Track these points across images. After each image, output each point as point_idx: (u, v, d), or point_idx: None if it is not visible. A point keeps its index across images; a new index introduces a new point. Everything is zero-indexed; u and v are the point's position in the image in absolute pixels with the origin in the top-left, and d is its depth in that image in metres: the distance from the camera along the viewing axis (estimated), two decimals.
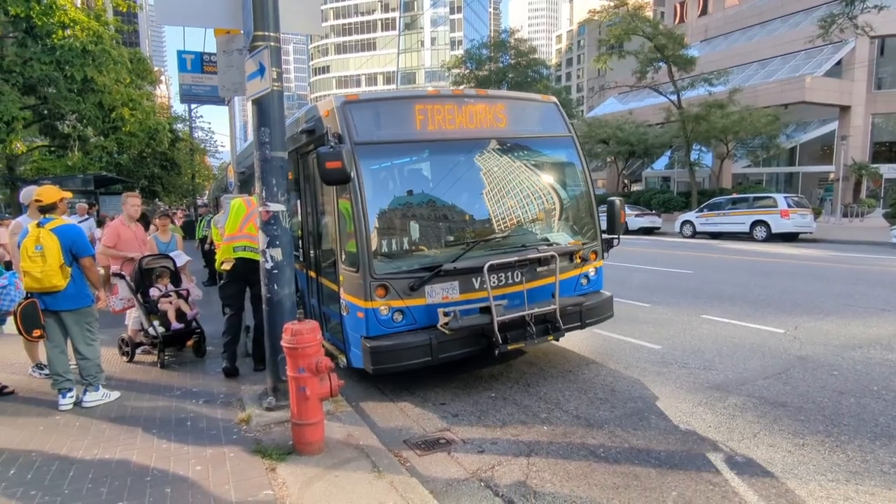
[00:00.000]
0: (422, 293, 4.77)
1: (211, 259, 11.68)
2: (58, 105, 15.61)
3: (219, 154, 47.28)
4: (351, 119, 4.80)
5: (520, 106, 5.90)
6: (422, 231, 5.17)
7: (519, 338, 4.88)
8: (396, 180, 5.36)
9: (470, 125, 5.27)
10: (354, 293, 4.76)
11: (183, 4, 4.42)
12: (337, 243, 5.05)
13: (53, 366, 4.82)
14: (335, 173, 4.21)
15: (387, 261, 4.84)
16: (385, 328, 4.73)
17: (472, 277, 4.92)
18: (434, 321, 4.78)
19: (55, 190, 4.89)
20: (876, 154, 33.65)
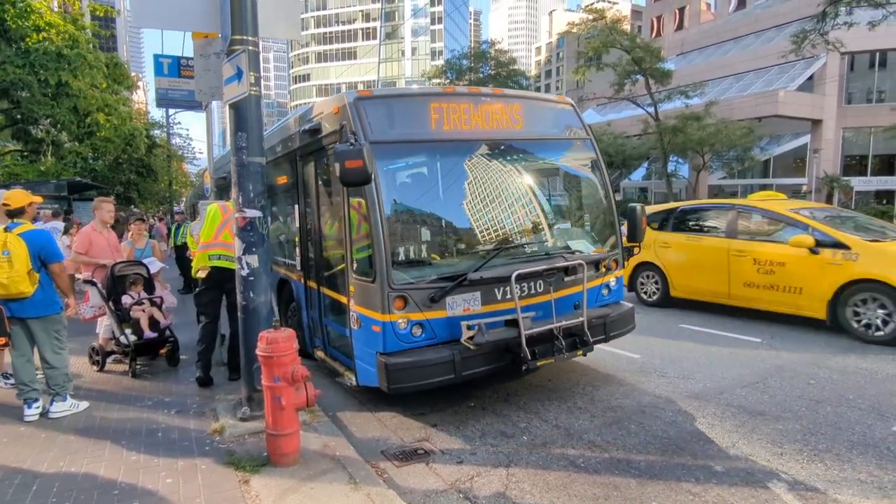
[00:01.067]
0: (442, 305, 4.43)
1: (186, 266, 11.49)
2: (31, 109, 15.28)
3: (196, 161, 46.68)
4: (365, 116, 4.45)
5: (537, 107, 5.61)
6: (440, 238, 4.88)
7: (547, 353, 4.51)
8: (412, 183, 5.05)
9: (486, 126, 4.96)
10: (368, 305, 4.40)
11: (160, 7, 4.35)
12: (346, 251, 4.70)
13: (19, 375, 4.65)
14: (355, 173, 3.89)
15: (405, 270, 4.49)
16: (403, 343, 4.36)
17: (494, 288, 4.60)
18: (454, 335, 4.44)
19: (24, 194, 4.75)
20: (847, 167, 34.61)
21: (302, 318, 6.13)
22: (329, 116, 4.86)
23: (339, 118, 4.60)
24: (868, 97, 34.78)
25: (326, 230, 5.41)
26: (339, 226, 4.91)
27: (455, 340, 4.43)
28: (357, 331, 4.61)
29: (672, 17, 47.67)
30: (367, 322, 4.44)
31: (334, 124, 4.70)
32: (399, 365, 4.23)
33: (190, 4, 4.32)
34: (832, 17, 19.80)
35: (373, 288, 4.34)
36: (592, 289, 5.20)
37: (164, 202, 33.28)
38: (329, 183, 5.27)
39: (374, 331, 4.37)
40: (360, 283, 4.51)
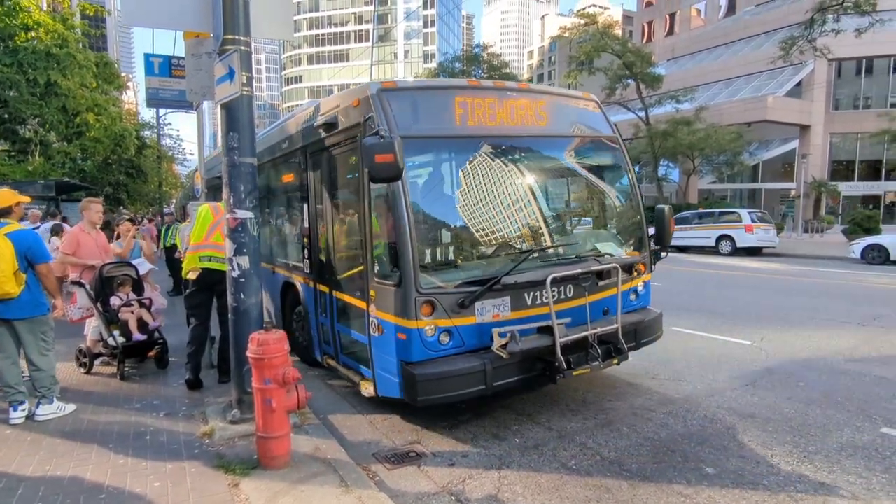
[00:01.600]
0: (471, 311, 4.18)
1: (176, 268, 11.39)
2: (19, 109, 15.12)
3: (187, 162, 46.38)
4: (389, 109, 4.18)
5: (562, 103, 5.30)
6: (467, 240, 4.60)
7: (581, 361, 4.31)
8: (437, 181, 4.82)
9: (511, 122, 4.72)
10: (392, 311, 4.12)
11: (151, 6, 4.31)
12: (365, 252, 4.42)
13: (4, 377, 4.57)
14: (386, 168, 3.66)
15: (433, 273, 4.22)
16: (431, 352, 4.10)
17: (524, 293, 4.36)
18: (483, 343, 4.22)
19: (11, 193, 4.68)
20: (834, 172, 35.05)
21: (310, 323, 5.87)
22: (347, 110, 4.63)
23: (361, 111, 4.36)
24: (855, 103, 35.27)
25: (341, 230, 5.18)
26: (357, 226, 4.66)
27: (484, 348, 4.21)
28: (378, 338, 4.33)
29: (663, 22, 48.06)
30: (390, 329, 4.17)
31: (354, 118, 4.49)
32: (428, 375, 3.97)
33: (181, 4, 4.28)
34: (820, 25, 20.08)
35: (398, 292, 4.06)
36: (622, 293, 4.92)
37: (153, 203, 33.00)
38: (345, 180, 5.12)
39: (398, 338, 4.10)
40: (383, 287, 4.22)
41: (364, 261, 4.47)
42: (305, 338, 6.08)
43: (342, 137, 4.79)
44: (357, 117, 4.42)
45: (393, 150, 3.64)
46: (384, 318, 4.23)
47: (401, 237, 4.00)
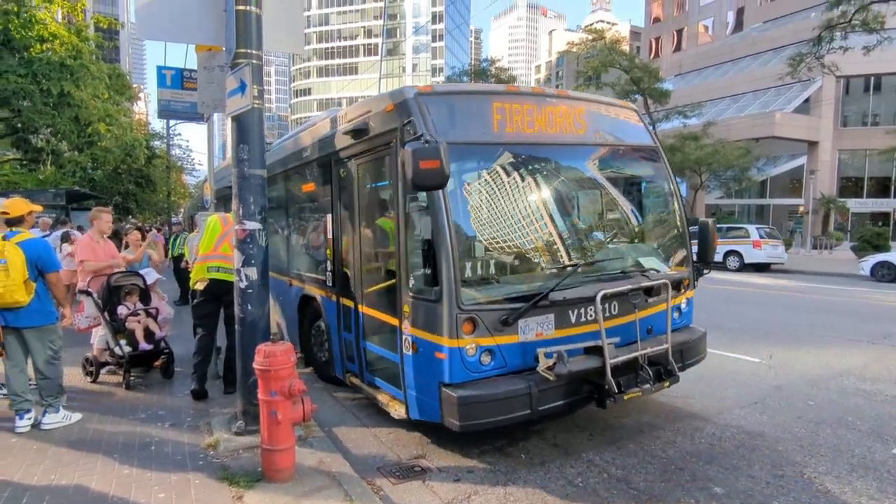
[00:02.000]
0: (514, 329, 3.93)
1: (183, 277, 11.44)
2: (32, 118, 15.33)
3: (196, 172, 46.77)
4: (427, 113, 3.97)
5: (601, 111, 5.07)
6: (509, 252, 4.32)
7: (631, 384, 4.06)
8: (476, 191, 4.42)
9: (549, 129, 4.50)
10: (430, 328, 3.88)
11: (165, 20, 4.37)
12: (399, 265, 4.20)
13: (11, 385, 4.59)
14: (431, 175, 3.42)
15: (475, 288, 3.98)
16: (472, 373, 3.84)
17: (568, 310, 4.13)
18: (526, 363, 3.99)
19: (24, 203, 4.73)
20: (843, 189, 34.89)
21: (331, 339, 5.62)
22: (379, 115, 4.40)
23: (396, 116, 4.14)
24: (863, 120, 35.21)
25: (369, 242, 4.96)
26: (389, 237, 4.48)
27: (528, 369, 3.97)
28: (412, 357, 4.08)
29: (670, 38, 48.32)
30: (426, 347, 3.92)
31: (387, 123, 4.28)
32: (470, 398, 3.69)
33: (195, 18, 4.35)
34: (828, 42, 20.13)
35: (437, 308, 3.80)
36: (665, 311, 4.65)
37: (161, 213, 33.25)
38: (375, 189, 4.97)
39: (436, 358, 3.84)
40: (419, 302, 3.98)
41: (396, 274, 4.24)
42: (325, 354, 5.88)
43: (372, 144, 4.60)
44: (391, 123, 4.21)
45: (439, 157, 3.42)
46: (420, 336, 3.98)
47: (440, 249, 3.74)
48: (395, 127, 4.15)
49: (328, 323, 5.66)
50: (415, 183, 3.52)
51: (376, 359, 4.85)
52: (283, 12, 4.55)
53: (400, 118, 4.09)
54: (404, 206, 4.14)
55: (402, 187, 4.08)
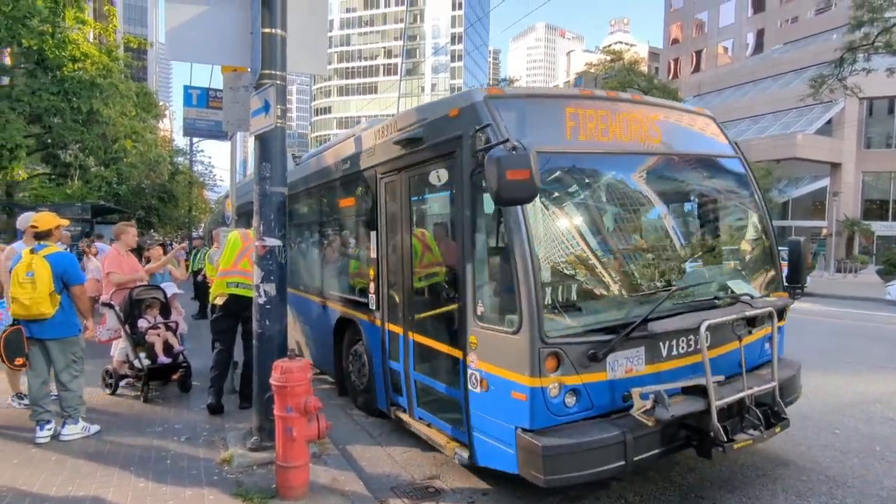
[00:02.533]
0: (602, 365, 3.44)
1: (202, 292, 11.58)
2: (61, 135, 15.78)
3: (217, 188, 47.63)
4: (500, 120, 3.57)
5: (678, 117, 4.62)
6: (592, 276, 3.82)
7: (737, 428, 3.53)
8: (555, 204, 3.94)
9: (624, 137, 4.06)
10: (505, 363, 3.43)
11: (194, 42, 4.50)
12: (462, 289, 3.76)
13: (33, 396, 4.67)
14: (519, 187, 3.02)
15: (559, 318, 3.51)
16: (555, 417, 3.35)
17: (659, 342, 3.65)
18: (614, 404, 3.51)
19: (52, 217, 4.86)
20: (867, 211, 34.24)
21: (373, 367, 5.21)
22: (439, 122, 4.06)
23: (462, 122, 3.77)
24: (888, 142, 34.66)
25: (423, 262, 4.59)
26: (450, 257, 4.13)
27: (615, 412, 3.51)
28: (480, 395, 3.63)
29: (689, 59, 48.34)
30: (501, 386, 3.46)
31: (449, 131, 3.90)
32: (558, 448, 3.17)
33: (222, 40, 4.48)
34: (850, 63, 19.94)
35: (515, 341, 3.35)
36: (756, 342, 4.20)
37: (182, 227, 33.79)
38: (432, 203, 4.74)
39: (513, 398, 3.37)
40: (492, 332, 3.54)
41: (460, 299, 3.82)
42: (364, 382, 5.48)
43: (429, 154, 4.22)
44: (454, 130, 3.84)
45: (528, 166, 3.02)
46: (492, 373, 3.53)
47: (520, 272, 3.29)
48: (459, 134, 3.77)
49: (370, 350, 5.23)
50: (500, 196, 3.09)
51: (431, 394, 4.43)
52: (308, 35, 4.65)
53: (466, 124, 3.70)
54: (471, 221, 3.70)
55: (468, 200, 3.71)
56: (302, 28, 4.56)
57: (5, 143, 13.12)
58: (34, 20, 13.59)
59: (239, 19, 4.49)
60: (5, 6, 12.99)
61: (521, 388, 3.32)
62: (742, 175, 4.76)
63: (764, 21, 43.71)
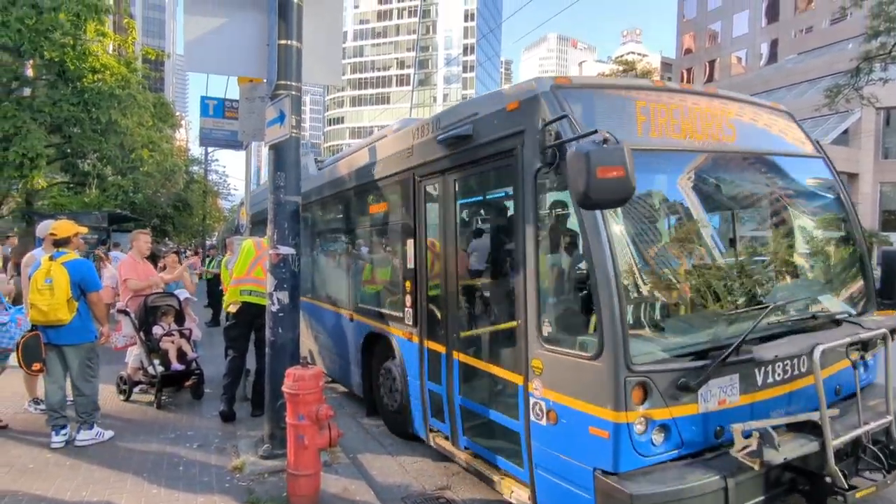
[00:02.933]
0: (693, 396, 2.98)
1: (215, 299, 11.69)
2: (81, 144, 16.08)
3: (231, 197, 48.14)
4: (571, 113, 3.11)
5: (756, 113, 4.14)
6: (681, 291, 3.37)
7: (852, 472, 3.08)
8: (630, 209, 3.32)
9: (698, 135, 3.56)
10: (581, 393, 2.98)
11: (212, 54, 4.58)
12: (523, 305, 3.33)
13: (50, 401, 4.74)
14: (613, 187, 2.56)
15: (646, 340, 3.04)
16: (642, 457, 2.88)
17: (754, 368, 3.17)
18: (707, 441, 3.04)
19: (71, 224, 4.95)
20: (885, 222, 33.76)
21: (408, 387, 4.79)
22: (494, 118, 3.64)
23: (525, 115, 3.34)
24: None
25: (471, 272, 4.30)
26: (507, 267, 3.76)
27: (709, 450, 3.05)
28: (547, 428, 3.19)
29: (702, 69, 48.21)
30: (575, 420, 3.02)
31: (507, 126, 3.49)
32: (651, 497, 2.70)
33: (240, 52, 4.56)
34: (866, 73, 19.77)
35: (594, 368, 2.90)
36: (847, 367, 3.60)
37: (196, 235, 34.18)
38: (483, 207, 4.48)
39: (591, 435, 2.92)
40: (563, 357, 3.09)
41: (519, 317, 3.39)
42: (396, 403, 5.09)
43: (482, 153, 3.79)
44: (513, 125, 3.44)
45: (624, 162, 2.56)
46: (563, 403, 3.09)
47: (602, 287, 2.84)
48: (519, 129, 3.37)
49: (404, 369, 4.83)
50: (588, 197, 2.60)
51: (480, 422, 3.99)
52: (323, 46, 4.72)
53: (529, 118, 3.29)
54: (534, 227, 3.27)
55: (530, 203, 3.29)
56: (317, 39, 4.63)
57: (26, 152, 13.40)
58: (56, 33, 13.92)
59: (255, 31, 4.57)
60: (29, 19, 13.32)
61: (601, 424, 2.87)
62: (827, 177, 4.27)
63: (778, 31, 43.52)
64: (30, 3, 13.48)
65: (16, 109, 13.99)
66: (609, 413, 2.83)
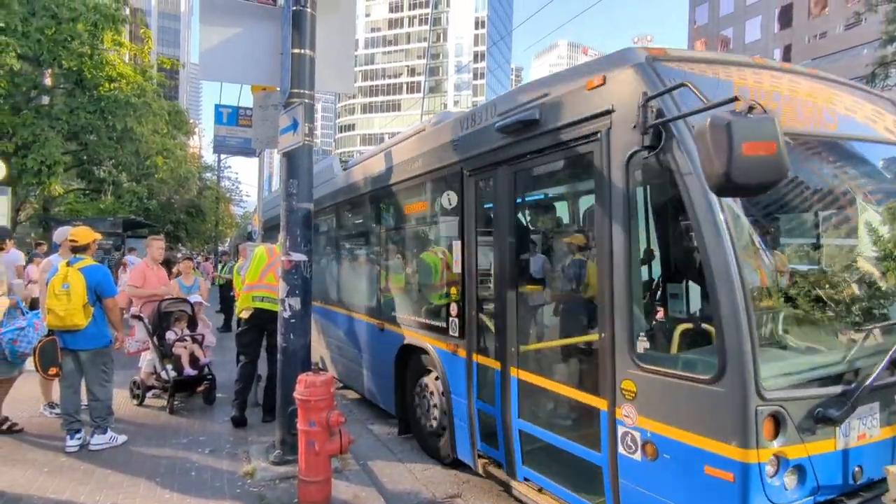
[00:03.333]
0: (831, 429, 2.54)
1: (227, 305, 11.80)
2: (97, 151, 16.39)
3: (243, 203, 48.57)
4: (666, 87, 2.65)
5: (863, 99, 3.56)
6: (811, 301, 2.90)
7: None
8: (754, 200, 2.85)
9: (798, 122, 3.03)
10: (694, 424, 2.48)
11: (227, 63, 4.66)
12: (610, 313, 2.84)
13: (65, 405, 4.79)
14: (762, 167, 2.11)
15: (777, 360, 2.64)
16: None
17: (894, 395, 2.76)
18: (846, 485, 2.61)
19: (89, 231, 5.02)
20: None
21: (452, 407, 4.31)
22: (570, 98, 3.17)
23: (612, 92, 2.88)
24: None
25: (533, 275, 3.91)
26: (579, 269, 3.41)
27: (846, 495, 2.61)
28: (643, 465, 2.71)
29: None
30: (684, 456, 2.52)
31: (589, 106, 3.00)
32: None
33: (254, 61, 4.63)
34: (882, 79, 19.60)
35: (713, 394, 2.41)
36: None
37: (209, 241, 34.52)
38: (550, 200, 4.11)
39: (707, 477, 2.42)
40: (667, 379, 2.59)
41: (604, 328, 2.89)
42: (435, 423, 4.66)
43: (552, 140, 3.29)
44: (597, 104, 2.96)
45: (776, 136, 2.11)
46: (669, 436, 2.56)
47: (724, 294, 2.37)
48: (605, 110, 2.90)
49: (448, 385, 4.36)
50: (730, 181, 2.13)
51: (545, 451, 3.47)
52: (335, 54, 4.78)
53: (619, 95, 2.84)
54: (625, 222, 2.78)
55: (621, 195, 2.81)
56: (330, 48, 4.68)
57: (44, 159, 13.67)
58: (74, 42, 14.20)
59: (269, 40, 4.64)
60: (48, 29, 13.61)
61: (723, 464, 2.36)
62: None
63: (791, 37, 43.24)
64: (49, 13, 13.76)
65: (35, 118, 14.28)
66: (734, 451, 2.33)
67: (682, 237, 2.79)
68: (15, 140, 13.88)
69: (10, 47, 12.32)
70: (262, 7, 4.63)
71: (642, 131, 2.65)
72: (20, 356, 4.92)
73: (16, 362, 5.00)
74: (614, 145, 2.86)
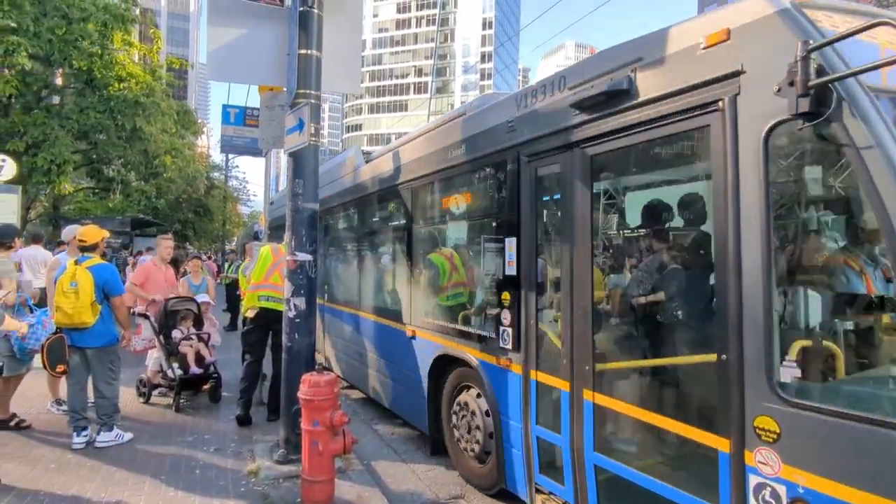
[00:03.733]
0: None
1: (233, 304, 11.86)
2: (106, 150, 16.50)
3: (250, 202, 48.82)
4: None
5: None
6: None
7: None
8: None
9: None
10: (876, 484, 1.88)
11: (234, 63, 4.68)
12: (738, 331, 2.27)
13: (72, 402, 4.83)
14: None
15: None
16: None
17: None
18: None
19: (97, 230, 5.06)
20: None
21: (502, 430, 3.80)
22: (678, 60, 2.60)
23: (747, 49, 2.30)
24: None
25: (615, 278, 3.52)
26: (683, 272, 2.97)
27: None
28: None
29: None
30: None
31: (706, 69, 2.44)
32: None
33: (261, 61, 4.65)
34: None
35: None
36: None
37: (216, 240, 34.72)
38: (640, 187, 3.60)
39: None
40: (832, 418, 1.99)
41: (727, 346, 2.31)
42: (478, 447, 4.10)
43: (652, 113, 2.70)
44: (720, 65, 2.38)
45: None
46: (835, 496, 1.97)
47: None
48: (731, 71, 2.33)
49: (496, 405, 3.83)
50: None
51: (631, 493, 2.81)
52: (342, 55, 4.79)
53: (756, 51, 2.26)
54: (762, 211, 2.20)
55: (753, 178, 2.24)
56: (337, 48, 4.69)
57: (54, 158, 13.78)
58: (85, 42, 14.32)
59: (276, 41, 4.66)
60: (59, 29, 13.73)
61: None
62: None
63: None
64: (60, 13, 13.89)
65: (45, 117, 14.41)
66: None
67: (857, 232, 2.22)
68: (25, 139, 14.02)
69: (21, 47, 12.45)
70: (269, 7, 4.65)
71: (799, 94, 2.02)
72: (28, 353, 4.97)
73: (24, 359, 5.04)
74: (744, 117, 2.29)
